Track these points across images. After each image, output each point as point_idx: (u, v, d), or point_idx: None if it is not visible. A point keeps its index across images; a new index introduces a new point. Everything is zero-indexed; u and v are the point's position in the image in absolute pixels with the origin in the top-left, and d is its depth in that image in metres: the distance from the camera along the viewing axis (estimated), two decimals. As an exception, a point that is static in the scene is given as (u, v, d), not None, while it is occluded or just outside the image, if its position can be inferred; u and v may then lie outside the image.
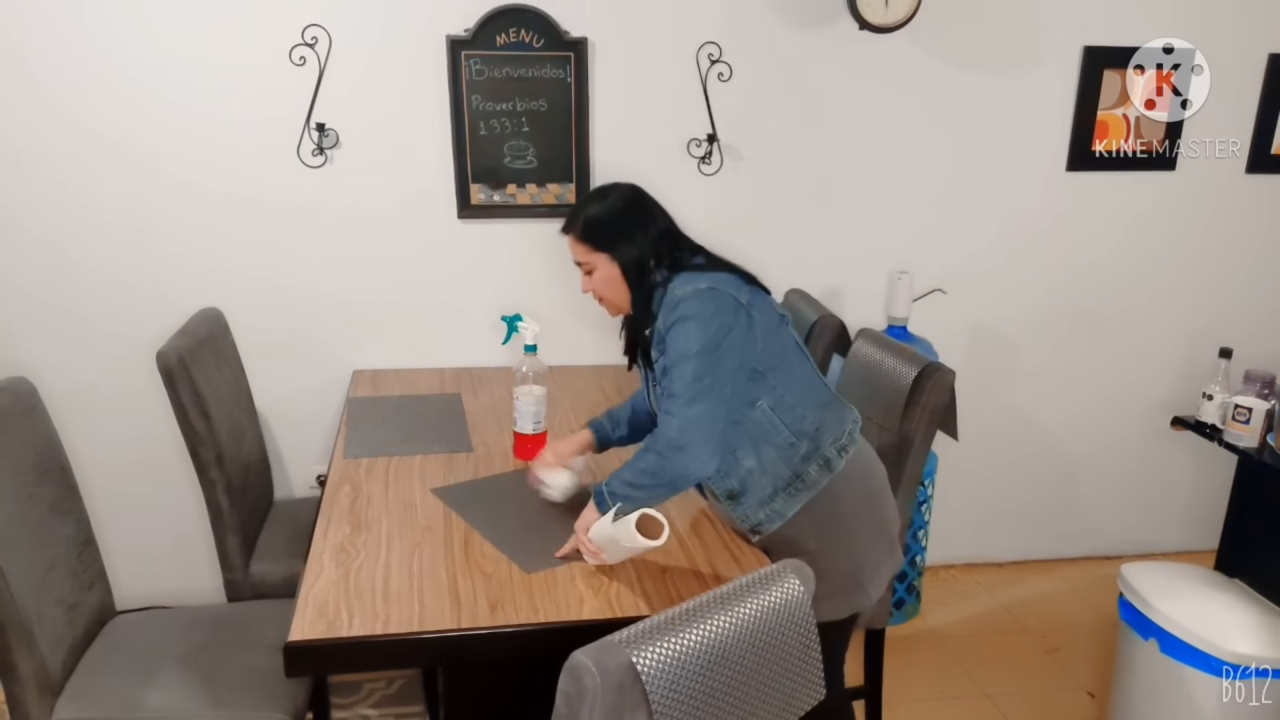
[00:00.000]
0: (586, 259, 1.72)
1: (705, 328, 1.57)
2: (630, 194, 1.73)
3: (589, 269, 1.73)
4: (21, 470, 1.69)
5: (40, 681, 1.62)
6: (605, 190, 1.74)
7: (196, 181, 2.51)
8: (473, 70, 2.53)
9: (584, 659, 1.05)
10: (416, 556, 1.63)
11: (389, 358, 2.73)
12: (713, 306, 1.59)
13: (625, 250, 1.68)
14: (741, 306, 1.61)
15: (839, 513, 1.69)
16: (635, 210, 1.71)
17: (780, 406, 1.66)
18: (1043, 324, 3.07)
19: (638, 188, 1.75)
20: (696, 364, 1.56)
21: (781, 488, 1.67)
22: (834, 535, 1.69)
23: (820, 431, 1.67)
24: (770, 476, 1.67)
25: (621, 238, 1.68)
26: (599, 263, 1.71)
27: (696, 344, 1.57)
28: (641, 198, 1.74)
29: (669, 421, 1.57)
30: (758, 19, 2.64)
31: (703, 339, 1.57)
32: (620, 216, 1.70)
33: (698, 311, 1.58)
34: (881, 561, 1.75)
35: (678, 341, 1.59)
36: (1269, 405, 2.22)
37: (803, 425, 1.66)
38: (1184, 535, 3.36)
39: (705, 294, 1.60)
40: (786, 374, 1.67)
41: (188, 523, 2.70)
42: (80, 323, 2.57)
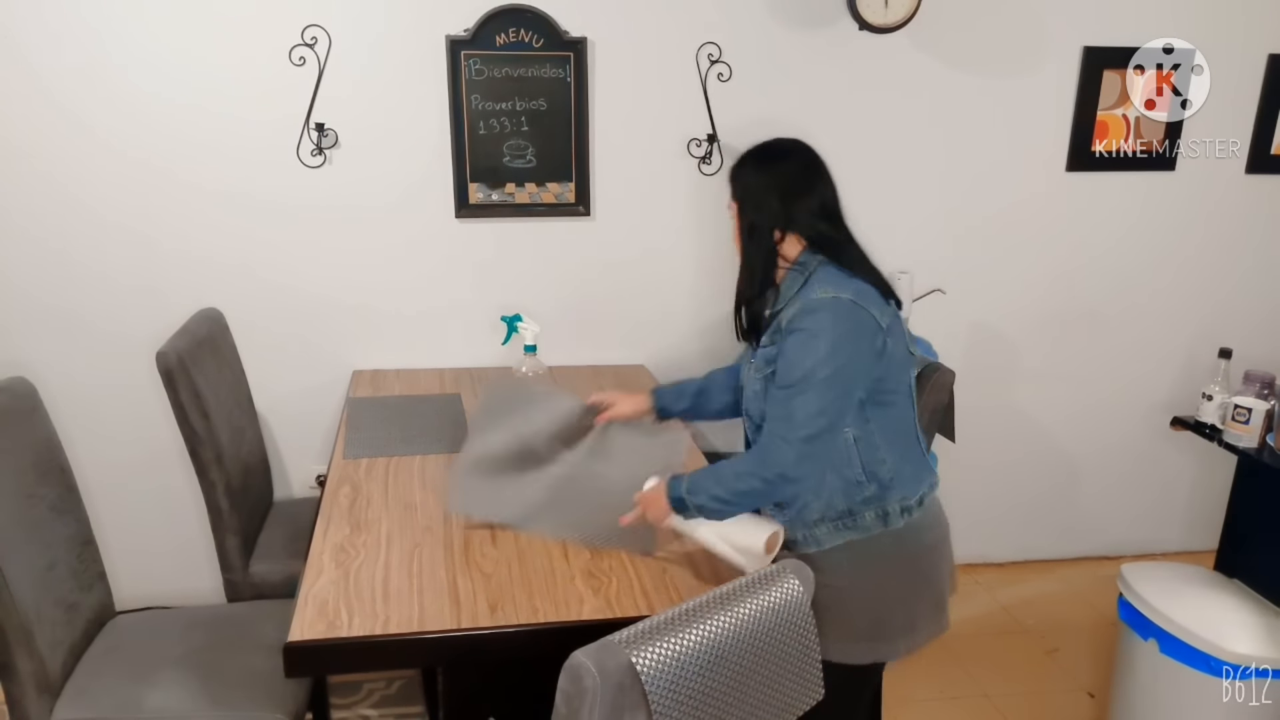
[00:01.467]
0: (731, 206, 1.66)
1: (837, 352, 1.47)
2: (795, 162, 1.63)
3: (733, 216, 1.66)
4: (21, 470, 1.69)
5: (40, 682, 1.62)
6: (774, 150, 1.66)
7: (196, 181, 2.51)
8: (472, 70, 2.53)
9: (584, 659, 1.05)
10: (416, 557, 1.63)
11: (389, 358, 2.73)
12: (850, 326, 1.50)
13: (749, 210, 1.61)
14: (880, 331, 1.52)
15: (883, 560, 1.60)
16: (785, 176, 1.61)
17: (865, 442, 1.56)
18: (1043, 324, 3.07)
19: (811, 157, 1.65)
20: (823, 393, 1.47)
21: (831, 518, 1.59)
22: (870, 582, 1.60)
23: (892, 483, 1.57)
24: (824, 504, 1.58)
25: (752, 198, 1.61)
26: (734, 213, 1.65)
27: (827, 369, 1.46)
28: (807, 169, 1.63)
29: (784, 450, 1.47)
30: (758, 19, 2.64)
31: (834, 365, 1.47)
32: (766, 181, 1.61)
33: (833, 328, 1.48)
34: (919, 621, 1.65)
35: (804, 358, 1.48)
36: (1269, 405, 2.22)
37: (878, 470, 1.56)
38: (1184, 535, 3.36)
39: (846, 308, 1.50)
40: (886, 413, 1.57)
41: (188, 523, 2.70)
42: (80, 323, 2.57)
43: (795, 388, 1.48)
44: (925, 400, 2.03)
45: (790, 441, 1.47)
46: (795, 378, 1.48)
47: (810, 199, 1.60)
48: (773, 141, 1.68)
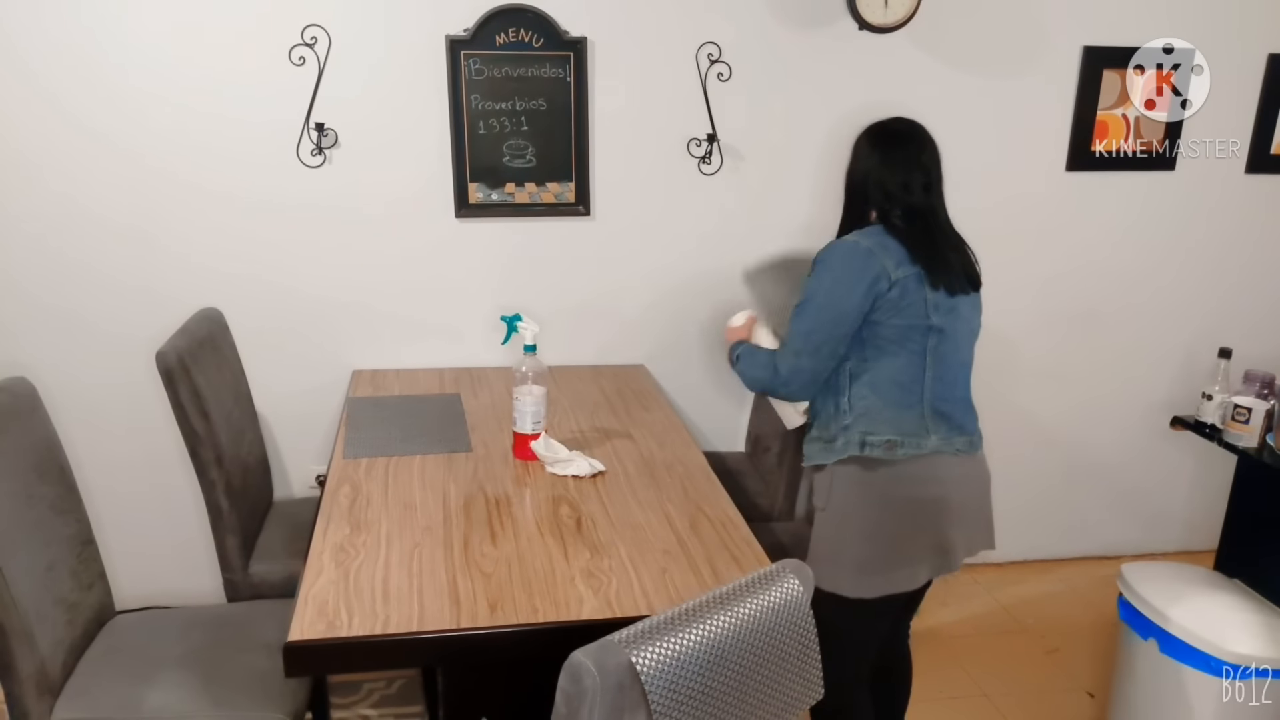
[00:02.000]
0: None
1: (837, 283, 1.70)
2: (911, 141, 1.81)
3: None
4: (21, 470, 1.69)
5: (40, 681, 1.62)
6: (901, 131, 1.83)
7: (196, 181, 2.51)
8: (472, 70, 2.53)
9: (584, 659, 1.05)
10: (416, 556, 1.63)
11: (388, 358, 2.73)
12: (857, 264, 1.69)
13: (854, 169, 1.83)
14: (886, 277, 1.69)
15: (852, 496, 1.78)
16: (896, 148, 1.79)
17: (856, 377, 1.76)
18: (1042, 324, 3.07)
19: (930, 141, 1.83)
20: (815, 315, 1.71)
21: (819, 436, 1.82)
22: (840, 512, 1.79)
23: (863, 416, 1.75)
24: (818, 423, 1.83)
25: (861, 159, 1.81)
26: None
27: (822, 295, 1.71)
28: (920, 148, 1.81)
29: (783, 362, 1.76)
30: (758, 19, 2.64)
31: (830, 293, 1.70)
32: (881, 144, 1.80)
33: (840, 264, 1.71)
34: (875, 567, 1.78)
35: (812, 285, 1.73)
36: (1268, 405, 2.22)
37: (856, 403, 1.76)
38: (1184, 535, 3.36)
39: (858, 251, 1.71)
40: (887, 361, 1.74)
41: (188, 523, 2.70)
42: (81, 323, 2.57)
43: (798, 309, 1.75)
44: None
45: (786, 355, 1.76)
46: (801, 300, 1.75)
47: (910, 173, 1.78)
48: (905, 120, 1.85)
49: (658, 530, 1.76)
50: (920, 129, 1.84)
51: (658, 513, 1.83)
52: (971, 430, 1.84)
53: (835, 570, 1.78)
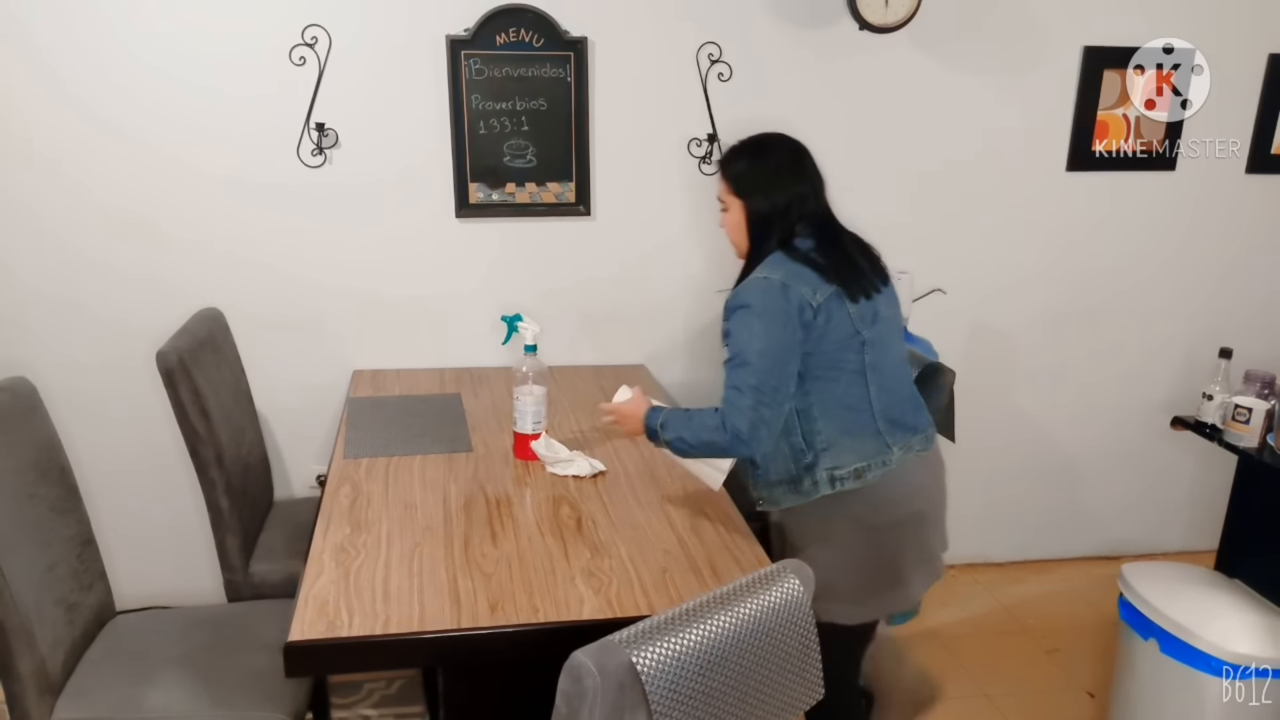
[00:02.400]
0: (725, 199, 1.81)
1: (769, 328, 1.64)
2: (788, 154, 1.78)
3: (724, 207, 1.82)
4: (21, 470, 1.69)
5: (40, 681, 1.62)
6: (766, 143, 1.79)
7: (196, 182, 2.51)
8: (473, 70, 2.53)
9: (584, 659, 1.05)
10: (416, 556, 1.63)
11: (389, 358, 2.73)
12: (777, 305, 1.65)
13: (757, 203, 1.75)
14: (809, 306, 1.66)
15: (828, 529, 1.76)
16: (780, 170, 1.76)
17: (804, 414, 1.72)
18: (1043, 324, 3.07)
19: (799, 148, 1.80)
20: (758, 365, 1.64)
21: (784, 481, 1.77)
22: (826, 550, 1.75)
23: (825, 452, 1.72)
24: (779, 468, 1.76)
25: (759, 192, 1.75)
26: (734, 206, 1.79)
27: (761, 344, 1.64)
28: (798, 159, 1.78)
29: (738, 419, 1.64)
30: (758, 19, 2.64)
31: (765, 340, 1.64)
32: (766, 173, 1.76)
33: (764, 307, 1.65)
34: (867, 594, 1.78)
35: (743, 335, 1.66)
36: (1269, 405, 2.22)
37: (814, 439, 1.72)
38: (1184, 535, 3.36)
39: (775, 288, 1.66)
40: (827, 387, 1.71)
41: (188, 523, 2.70)
42: (81, 323, 2.57)
43: (736, 360, 1.67)
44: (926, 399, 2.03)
45: (741, 409, 1.64)
46: (736, 351, 1.67)
47: (801, 187, 1.76)
48: (762, 138, 1.81)
49: (658, 530, 1.76)
50: (784, 136, 1.81)
51: (658, 513, 1.83)
52: (925, 425, 1.84)
53: (829, 605, 1.71)
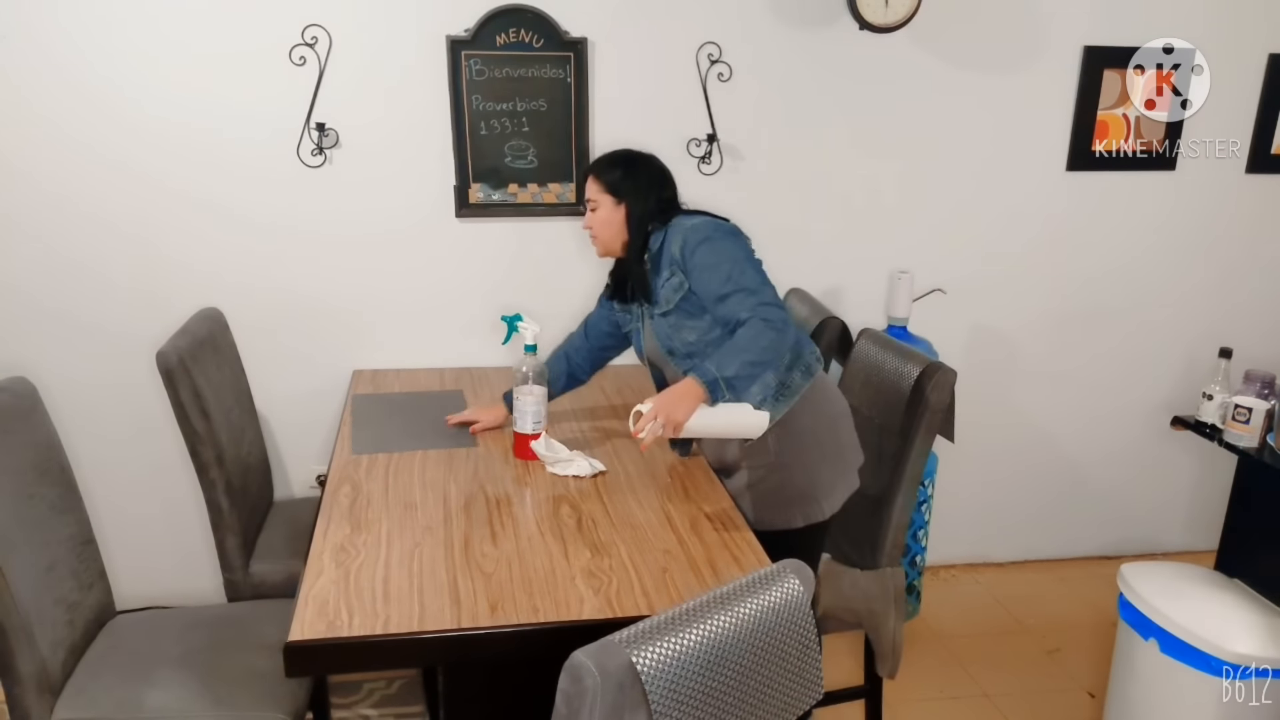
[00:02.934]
0: (596, 198, 1.98)
1: (738, 241, 1.86)
2: (653, 162, 2.01)
3: (593, 207, 1.99)
4: (21, 470, 1.69)
5: (40, 681, 1.62)
6: (634, 155, 2.01)
7: (196, 182, 2.51)
8: (473, 70, 2.53)
9: (584, 659, 1.05)
10: (416, 556, 1.63)
11: (389, 358, 2.73)
12: (729, 227, 1.89)
13: (635, 204, 1.95)
14: (741, 234, 1.91)
15: (800, 430, 1.89)
16: (651, 175, 1.98)
17: None
18: (1042, 324, 3.07)
19: (657, 159, 2.03)
20: (752, 264, 1.83)
21: (770, 395, 1.87)
22: (792, 450, 1.90)
23: (800, 343, 1.92)
24: (760, 385, 1.85)
25: (637, 194, 1.95)
26: (604, 204, 1.97)
27: (742, 250, 1.84)
28: (660, 167, 2.01)
29: (763, 306, 1.78)
30: (758, 19, 2.64)
31: (745, 247, 1.86)
32: (640, 176, 1.97)
33: (718, 233, 1.86)
34: (836, 481, 1.95)
35: (721, 258, 1.82)
36: (1269, 405, 2.22)
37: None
38: (1184, 535, 3.36)
39: (718, 223, 1.89)
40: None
41: (188, 523, 2.70)
42: (80, 323, 2.57)
43: (734, 273, 1.80)
44: (927, 399, 2.03)
45: (768, 301, 1.79)
46: (727, 269, 1.81)
47: (668, 191, 1.99)
48: (630, 151, 2.02)
49: (658, 530, 1.76)
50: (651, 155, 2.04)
51: (658, 513, 1.83)
52: None
53: (809, 506, 1.92)
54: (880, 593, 2.12)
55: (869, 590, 2.13)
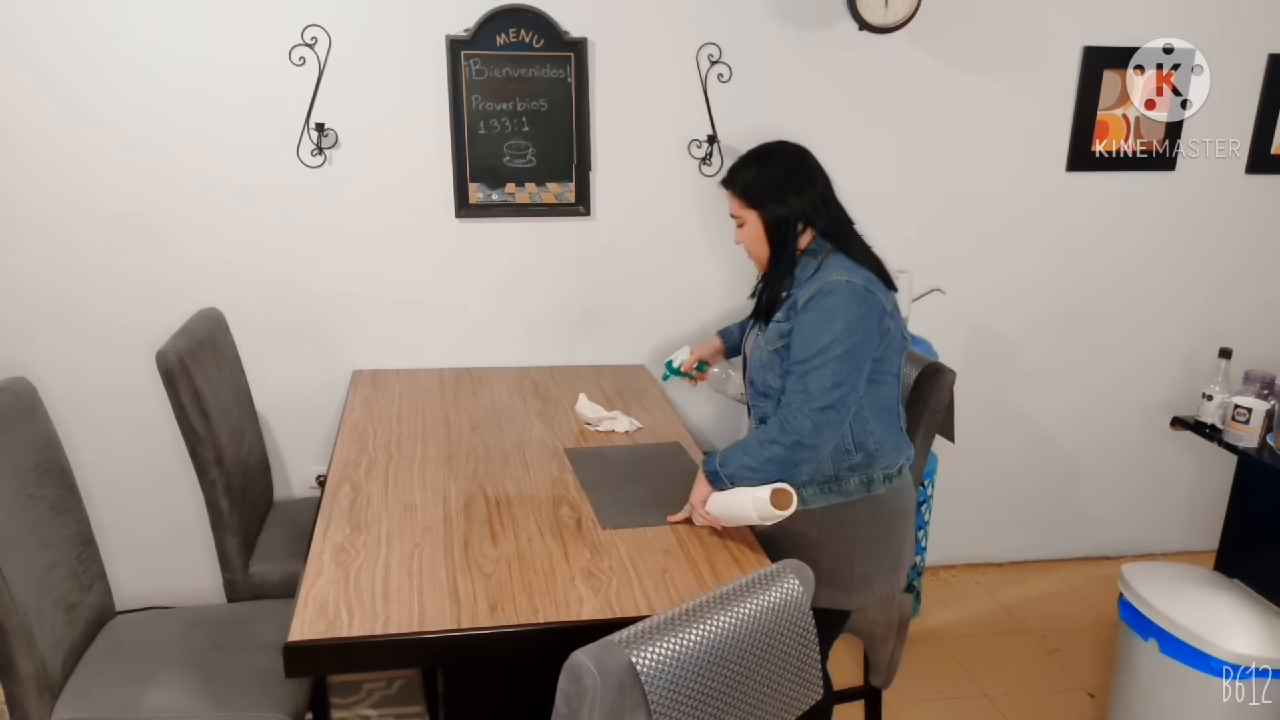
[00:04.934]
0: (739, 213, 1.79)
1: (852, 331, 1.63)
2: (793, 159, 1.77)
3: (740, 223, 1.79)
4: (21, 470, 1.69)
5: (40, 682, 1.62)
6: (769, 151, 1.79)
7: (196, 182, 2.51)
8: (472, 70, 2.53)
9: (584, 659, 1.05)
10: (416, 556, 1.63)
11: (389, 358, 2.73)
12: (862, 310, 1.64)
13: (772, 210, 1.73)
14: (885, 313, 1.68)
15: (854, 517, 1.75)
16: (791, 174, 1.74)
17: (857, 416, 1.70)
18: (1043, 324, 3.07)
19: (802, 151, 1.79)
20: (838, 368, 1.62)
21: (818, 481, 1.74)
22: (838, 534, 1.76)
23: (878, 453, 1.73)
24: (813, 468, 1.72)
25: (772, 199, 1.73)
26: (749, 218, 1.76)
27: (841, 346, 1.62)
28: (804, 163, 1.77)
29: (802, 420, 1.63)
30: (758, 19, 2.64)
31: (848, 343, 1.62)
32: (776, 179, 1.74)
33: (846, 309, 1.63)
34: (876, 578, 1.80)
35: (820, 335, 1.63)
36: (1269, 405, 2.22)
37: (866, 441, 1.72)
38: (1184, 535, 3.36)
39: (860, 295, 1.65)
40: (878, 390, 1.72)
41: (188, 523, 2.70)
42: (81, 323, 2.57)
43: (812, 361, 1.63)
44: (927, 400, 2.03)
45: (806, 412, 1.63)
46: (812, 353, 1.63)
47: (816, 187, 1.75)
48: (764, 148, 1.81)
49: (658, 530, 1.76)
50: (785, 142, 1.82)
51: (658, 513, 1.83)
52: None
53: (836, 592, 1.78)
54: (884, 619, 2.09)
55: (873, 615, 2.08)
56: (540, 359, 2.79)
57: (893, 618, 2.09)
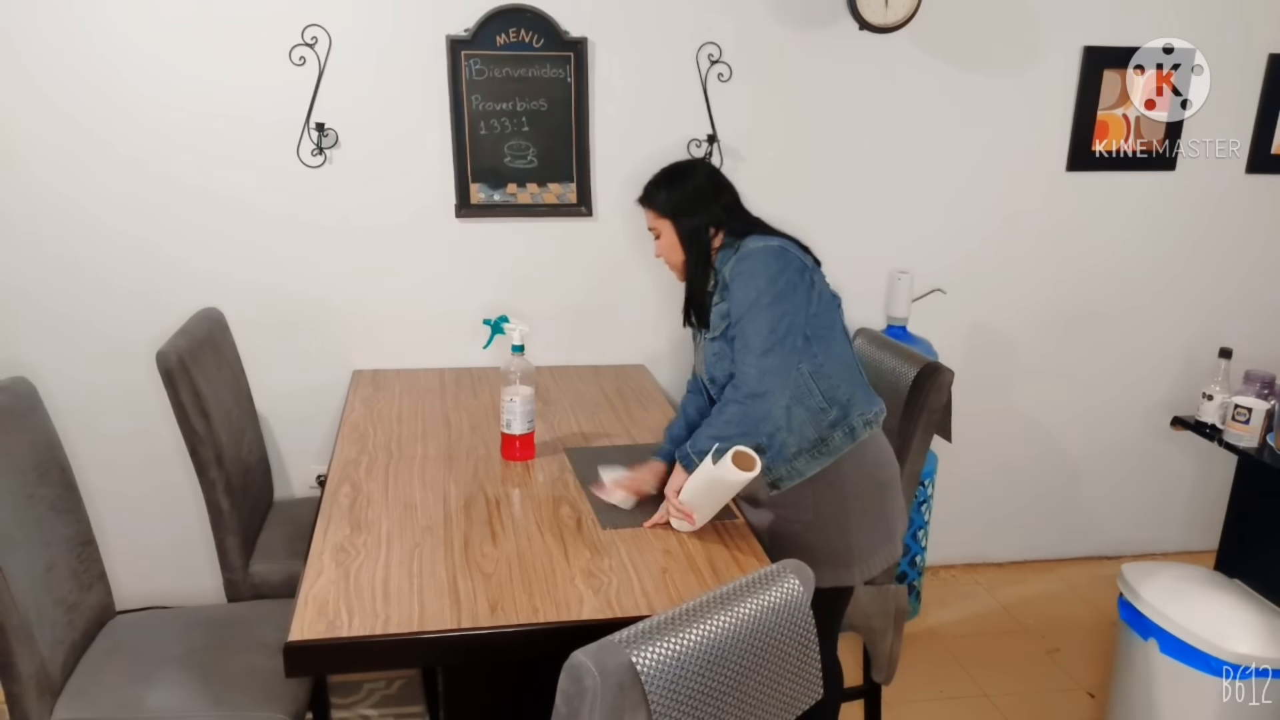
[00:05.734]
0: (655, 224, 1.88)
1: (774, 281, 1.70)
2: (703, 173, 1.88)
3: (657, 234, 1.88)
4: (21, 470, 1.69)
5: (40, 682, 1.62)
6: (681, 168, 1.89)
7: (196, 182, 2.51)
8: (473, 70, 2.53)
9: (584, 659, 1.05)
10: (416, 556, 1.63)
11: (389, 358, 2.73)
12: (781, 263, 1.72)
13: (685, 221, 1.83)
14: (807, 269, 1.76)
15: (844, 493, 1.79)
16: (699, 187, 1.84)
17: (818, 373, 1.77)
18: (1043, 324, 3.07)
19: (713, 169, 1.92)
20: (770, 315, 1.69)
21: (806, 449, 1.77)
22: (833, 512, 1.80)
23: (851, 403, 1.78)
24: (796, 436, 1.77)
25: (683, 211, 1.82)
26: (664, 228, 1.86)
27: (768, 296, 1.70)
28: (713, 177, 1.88)
29: (747, 371, 1.70)
30: (758, 19, 2.64)
31: (773, 291, 1.70)
32: (686, 192, 1.84)
33: (766, 267, 1.71)
34: (875, 549, 1.85)
35: (747, 292, 1.71)
36: (1269, 405, 2.22)
37: (835, 394, 1.77)
38: (1184, 535, 3.36)
39: (775, 251, 1.73)
40: (829, 346, 1.78)
41: (188, 523, 2.70)
42: (80, 323, 2.57)
43: (745, 317, 1.71)
44: (925, 399, 2.03)
45: (750, 361, 1.70)
46: (743, 310, 1.71)
47: (724, 196, 1.85)
48: (676, 167, 1.91)
49: (658, 530, 1.76)
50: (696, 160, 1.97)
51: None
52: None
53: (839, 570, 1.81)
54: (880, 611, 2.11)
55: (869, 608, 2.10)
56: (540, 359, 2.79)
57: (889, 608, 2.10)
